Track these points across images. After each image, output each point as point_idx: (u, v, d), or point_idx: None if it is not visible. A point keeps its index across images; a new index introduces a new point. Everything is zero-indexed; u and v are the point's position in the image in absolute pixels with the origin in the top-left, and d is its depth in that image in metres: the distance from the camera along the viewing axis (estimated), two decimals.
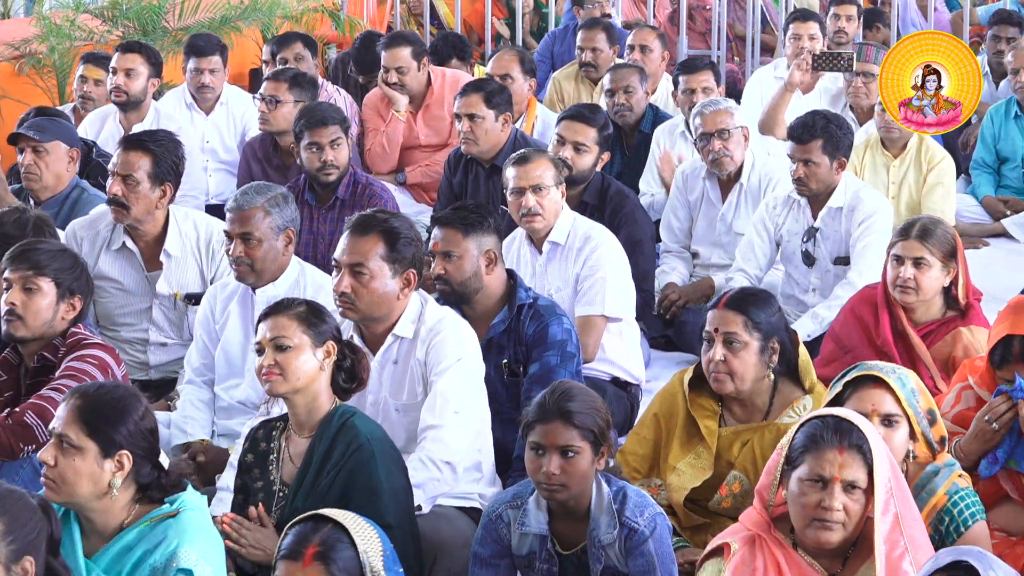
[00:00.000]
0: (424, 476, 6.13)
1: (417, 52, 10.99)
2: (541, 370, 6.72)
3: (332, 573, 4.28)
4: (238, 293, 7.18)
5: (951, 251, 6.85)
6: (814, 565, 4.78)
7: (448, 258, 6.75)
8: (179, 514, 4.93)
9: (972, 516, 5.33)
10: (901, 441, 5.32)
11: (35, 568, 4.28)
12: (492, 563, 5.44)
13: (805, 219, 8.50)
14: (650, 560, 5.23)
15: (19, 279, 6.27)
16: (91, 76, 10.64)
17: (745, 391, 6.05)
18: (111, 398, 4.96)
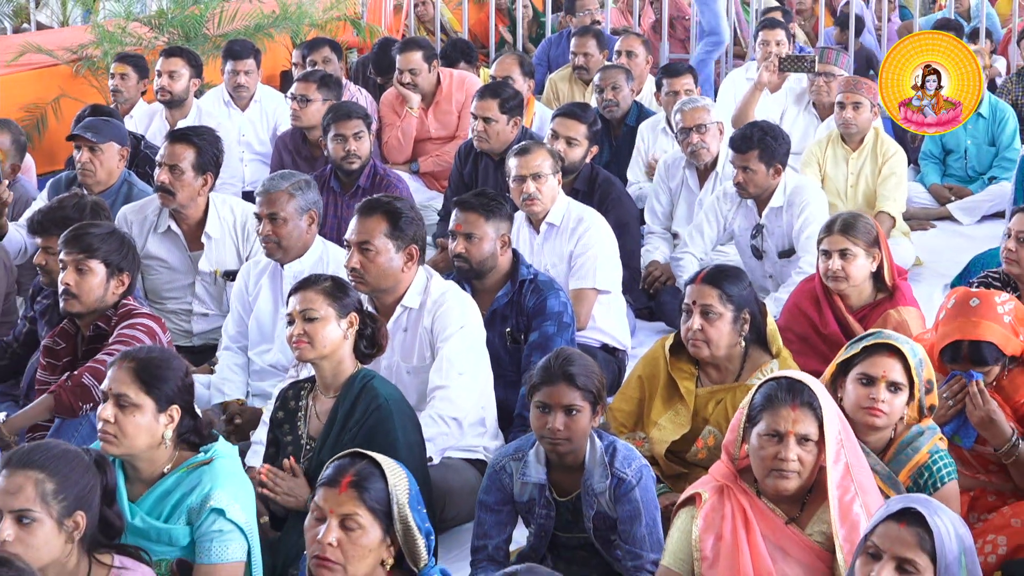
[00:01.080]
0: (434, 431, 6.16)
1: (428, 56, 11.02)
2: (540, 338, 6.75)
3: (363, 500, 4.27)
4: (268, 269, 7.20)
5: (873, 239, 6.82)
6: (775, 510, 4.78)
7: (469, 239, 6.81)
8: (212, 462, 4.97)
9: (948, 475, 5.30)
10: (900, 405, 5.28)
11: (86, 521, 4.30)
12: (496, 509, 5.44)
13: (752, 217, 8.50)
14: (636, 506, 5.23)
15: (72, 261, 6.27)
16: (117, 72, 10.64)
17: (720, 356, 6.05)
18: (161, 359, 5.00)
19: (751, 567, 4.69)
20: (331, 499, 4.29)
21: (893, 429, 5.32)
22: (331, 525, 4.26)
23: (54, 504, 4.24)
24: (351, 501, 4.28)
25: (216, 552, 4.86)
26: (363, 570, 4.30)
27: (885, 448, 5.29)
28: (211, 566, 4.86)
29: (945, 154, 11.20)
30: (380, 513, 4.30)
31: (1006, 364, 5.86)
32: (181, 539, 4.90)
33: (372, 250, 6.34)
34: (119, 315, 6.34)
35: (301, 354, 5.67)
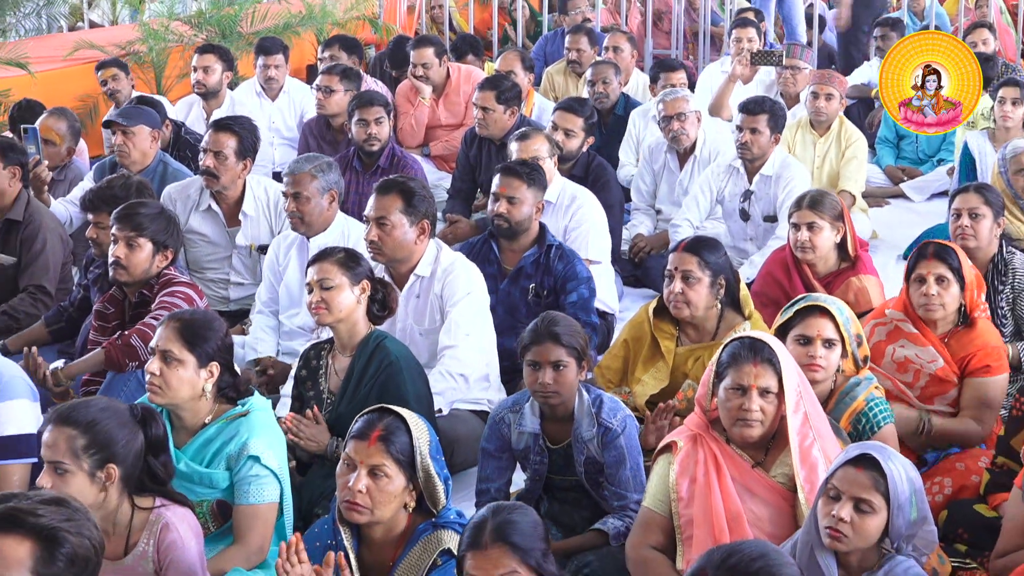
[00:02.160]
0: (443, 386, 6.20)
1: (438, 52, 11.05)
2: (580, 299, 6.88)
3: (390, 452, 4.31)
4: (296, 242, 7.20)
5: (838, 214, 6.83)
6: (742, 455, 4.77)
7: (512, 201, 6.90)
8: (249, 414, 5.01)
9: (885, 419, 5.32)
10: (836, 359, 5.32)
11: (118, 473, 4.32)
12: (496, 455, 5.44)
13: (743, 183, 8.50)
14: (621, 452, 5.23)
15: (123, 237, 6.28)
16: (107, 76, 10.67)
17: (698, 317, 6.04)
18: (203, 321, 5.05)
19: (722, 506, 4.69)
20: (361, 451, 4.32)
21: (833, 381, 5.35)
22: (360, 474, 4.29)
23: (85, 458, 4.27)
24: (379, 453, 4.31)
25: (254, 494, 4.90)
26: (388, 513, 4.34)
27: (827, 399, 5.30)
28: (250, 507, 4.89)
29: (899, 139, 11.22)
30: (404, 463, 4.33)
31: (961, 316, 5.98)
32: (221, 483, 4.93)
33: (388, 225, 6.37)
34: (160, 283, 6.36)
35: (320, 318, 5.70)
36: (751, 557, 3.37)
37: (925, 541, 4.39)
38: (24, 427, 5.07)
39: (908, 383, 5.95)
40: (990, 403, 5.90)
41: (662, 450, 4.90)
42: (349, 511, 4.31)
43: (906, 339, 6.01)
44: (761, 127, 8.33)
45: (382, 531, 4.37)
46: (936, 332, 5.97)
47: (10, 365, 5.27)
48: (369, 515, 4.31)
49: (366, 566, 4.40)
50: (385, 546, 4.40)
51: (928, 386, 5.95)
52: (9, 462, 4.90)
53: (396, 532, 4.39)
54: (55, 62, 11.75)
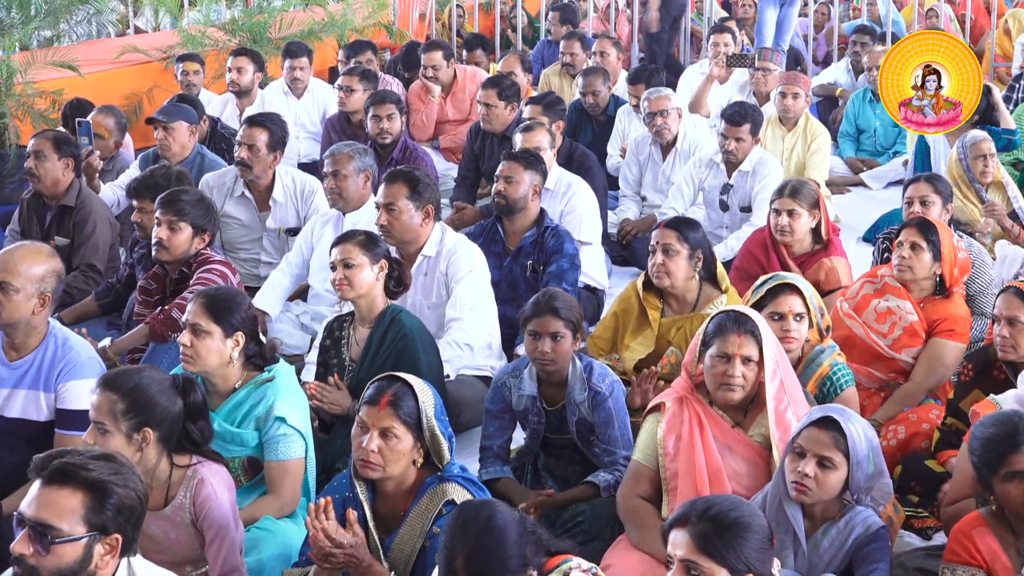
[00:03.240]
0: (450, 354, 6.21)
1: (447, 55, 11.08)
2: (557, 270, 6.85)
3: (399, 416, 4.30)
4: (333, 218, 7.28)
5: (815, 202, 6.86)
6: (724, 416, 4.78)
7: (509, 181, 6.93)
8: (275, 379, 5.01)
9: (847, 383, 5.35)
10: (804, 330, 5.34)
11: (154, 436, 4.32)
12: (499, 416, 5.44)
13: (722, 177, 8.48)
14: (610, 413, 5.24)
15: (166, 221, 6.30)
16: (189, 69, 10.66)
17: (678, 287, 6.07)
18: (227, 295, 5.06)
19: (704, 461, 4.70)
20: (372, 415, 4.31)
21: (801, 350, 5.36)
22: (373, 436, 4.29)
23: (123, 421, 4.28)
24: (389, 417, 4.30)
25: (282, 451, 4.91)
26: (398, 469, 4.33)
27: (795, 366, 5.29)
28: (280, 463, 4.91)
29: (859, 133, 11.20)
30: (412, 424, 4.32)
31: (938, 287, 6.06)
32: (250, 441, 4.94)
33: (396, 210, 6.40)
34: (199, 262, 6.37)
35: (342, 294, 5.71)
36: (728, 508, 3.55)
37: (881, 493, 4.40)
38: None
39: (883, 333, 5.99)
40: (943, 361, 5.94)
41: (651, 410, 4.91)
42: (363, 468, 4.31)
43: (891, 293, 6.07)
44: (744, 135, 8.34)
45: (393, 485, 4.37)
46: (913, 296, 6.04)
47: (85, 346, 5.27)
48: (381, 472, 4.31)
49: (380, 516, 4.40)
50: (396, 498, 4.39)
51: (901, 337, 5.99)
52: (80, 433, 4.88)
53: (406, 485, 4.38)
54: (104, 64, 11.72)
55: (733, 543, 3.48)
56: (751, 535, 3.52)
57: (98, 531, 3.42)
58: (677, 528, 3.54)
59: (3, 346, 5.16)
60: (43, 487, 3.42)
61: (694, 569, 3.48)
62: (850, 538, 4.25)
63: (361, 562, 4.19)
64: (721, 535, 3.48)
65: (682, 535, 3.52)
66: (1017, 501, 4.10)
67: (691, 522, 3.52)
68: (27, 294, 5.02)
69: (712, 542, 3.47)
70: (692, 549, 3.48)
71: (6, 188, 10.02)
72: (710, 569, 3.47)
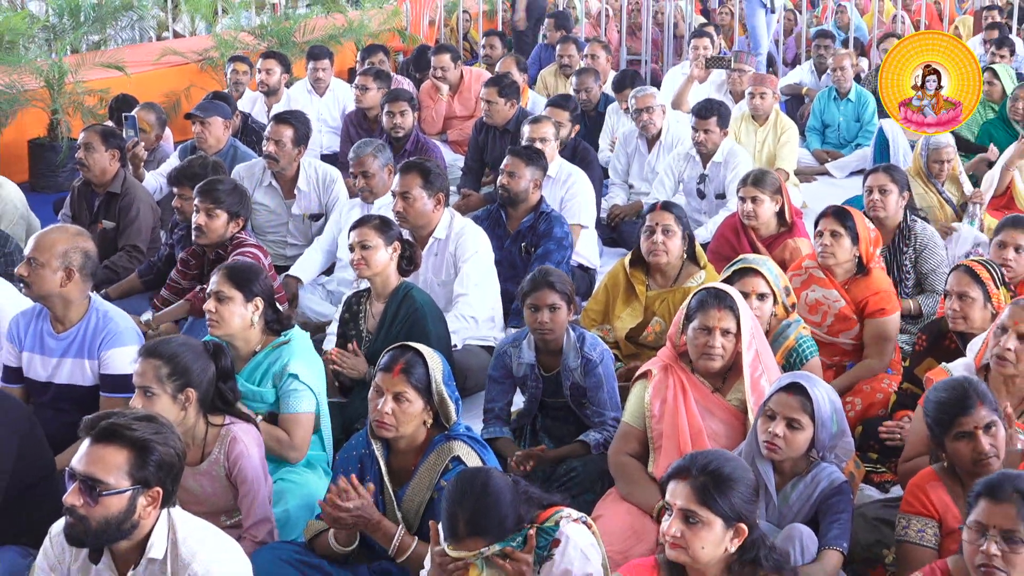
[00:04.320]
0: (458, 326, 6.22)
1: (454, 57, 11.07)
2: (544, 252, 6.85)
3: (410, 381, 4.29)
4: (359, 204, 7.34)
5: (777, 189, 6.86)
6: (704, 383, 4.77)
7: (511, 176, 6.92)
8: (290, 342, 5.03)
9: (811, 353, 5.33)
10: (769, 308, 5.31)
11: (195, 395, 4.34)
12: (500, 381, 5.43)
13: (698, 168, 8.48)
14: (600, 379, 5.23)
15: (204, 208, 6.30)
16: (239, 69, 10.64)
17: (671, 265, 6.10)
18: (246, 265, 5.13)
19: (687, 422, 4.70)
20: (387, 381, 4.31)
21: (768, 324, 5.33)
22: (387, 399, 4.29)
23: (168, 383, 4.29)
24: (401, 382, 4.29)
25: (294, 404, 4.92)
26: (410, 429, 4.33)
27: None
28: (291, 415, 4.93)
29: (824, 127, 11.18)
30: (422, 389, 4.31)
31: (858, 267, 6.00)
32: (269, 398, 4.95)
33: (411, 198, 6.40)
34: (234, 245, 6.36)
35: (360, 273, 5.72)
36: (723, 460, 3.59)
37: (844, 450, 4.41)
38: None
39: (817, 323, 5.95)
40: (887, 337, 5.92)
41: (639, 376, 4.91)
42: (379, 428, 4.32)
43: (816, 284, 6.02)
44: (712, 127, 8.33)
45: (405, 443, 4.36)
46: (837, 279, 5.99)
47: (124, 317, 5.27)
48: (394, 431, 4.30)
49: (393, 470, 4.40)
50: (408, 454, 4.39)
51: (834, 324, 5.96)
52: (122, 395, 4.93)
53: (417, 443, 4.37)
54: (146, 65, 11.73)
55: (728, 494, 3.50)
56: (742, 487, 3.54)
57: (141, 485, 3.42)
58: (677, 480, 3.55)
59: (50, 320, 5.16)
60: (92, 445, 3.43)
61: (692, 518, 3.49)
62: (816, 491, 4.25)
63: (370, 519, 4.20)
64: (718, 487, 3.50)
65: (683, 486, 3.52)
66: (966, 458, 4.09)
67: (692, 475, 3.52)
68: (52, 268, 5.01)
69: (711, 493, 3.48)
70: (692, 499, 3.49)
71: (59, 177, 10.05)
72: (707, 517, 3.48)
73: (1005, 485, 3.51)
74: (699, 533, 3.47)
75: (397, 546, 4.22)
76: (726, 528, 3.49)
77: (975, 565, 3.49)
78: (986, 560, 3.46)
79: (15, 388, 5.16)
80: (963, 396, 4.13)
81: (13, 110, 10.15)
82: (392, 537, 4.22)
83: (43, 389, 5.15)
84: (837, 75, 11.15)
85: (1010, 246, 6.00)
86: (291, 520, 4.70)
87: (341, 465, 4.46)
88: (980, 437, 4.06)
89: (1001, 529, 3.45)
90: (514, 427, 5.48)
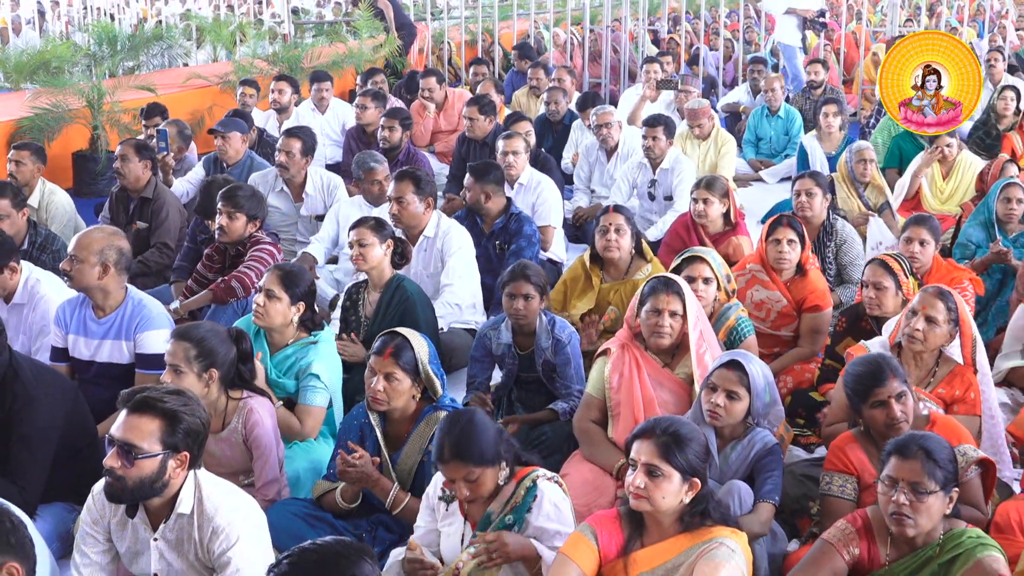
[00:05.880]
0: (444, 312, 6.21)
1: (439, 80, 11.06)
2: (516, 248, 6.80)
3: (398, 364, 4.28)
4: (359, 204, 7.34)
5: (724, 192, 6.85)
6: (656, 359, 4.77)
7: (468, 191, 6.89)
8: (318, 343, 4.99)
9: (748, 332, 5.31)
10: (713, 292, 5.30)
11: (218, 374, 4.33)
12: (481, 360, 5.43)
13: (649, 175, 8.46)
14: (568, 356, 5.23)
15: (226, 211, 6.26)
16: (247, 92, 10.61)
17: (622, 259, 6.06)
18: (297, 272, 5.05)
19: (640, 393, 4.70)
20: (379, 363, 4.31)
21: (712, 307, 5.32)
22: (379, 378, 4.29)
23: (195, 363, 4.28)
24: (390, 364, 4.29)
25: (310, 398, 4.90)
26: (400, 403, 4.33)
27: (708, 319, 5.28)
28: (307, 406, 4.90)
29: (758, 140, 11.19)
30: (409, 370, 4.31)
31: (797, 268, 5.94)
32: (290, 389, 4.93)
33: (404, 201, 6.39)
34: (251, 243, 6.32)
35: (358, 267, 5.72)
36: (681, 424, 3.59)
37: (775, 417, 4.40)
38: (164, 348, 5.04)
39: (762, 319, 5.93)
40: (820, 329, 5.90)
41: (600, 354, 4.90)
42: (373, 403, 4.32)
43: (760, 285, 5.97)
44: (659, 135, 8.33)
45: (398, 414, 4.36)
46: (781, 279, 5.95)
47: (156, 304, 5.25)
48: (386, 405, 4.31)
49: (389, 437, 4.39)
50: (401, 423, 4.38)
51: (777, 320, 5.93)
52: (155, 372, 4.91)
53: (408, 414, 4.37)
54: (173, 87, 11.66)
55: (685, 452, 3.49)
56: (696, 447, 3.54)
57: (171, 449, 3.42)
58: (642, 439, 3.54)
59: (92, 308, 5.15)
60: (128, 415, 3.41)
61: (655, 471, 3.47)
62: (752, 452, 4.26)
63: (370, 476, 4.21)
64: (678, 445, 3.49)
65: (647, 444, 3.51)
66: (880, 423, 4.11)
67: (655, 435, 3.51)
68: (91, 263, 5.00)
69: (671, 450, 3.48)
70: (655, 455, 3.48)
71: (99, 184, 10.00)
72: (667, 471, 3.47)
73: (912, 444, 3.54)
74: (660, 485, 3.47)
75: (392, 501, 4.22)
76: (683, 481, 3.49)
77: (888, 513, 3.53)
78: (897, 509, 3.50)
79: (62, 366, 5.14)
80: (878, 370, 4.14)
81: (59, 126, 10.11)
82: (388, 493, 4.23)
83: (86, 367, 5.14)
84: (768, 95, 11.18)
85: (915, 240, 6.02)
86: (300, 480, 4.70)
87: (343, 432, 4.47)
88: (892, 405, 4.08)
89: (909, 482, 3.49)
90: (493, 398, 5.47)
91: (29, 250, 6.49)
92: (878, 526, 3.63)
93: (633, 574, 3.49)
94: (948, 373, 4.72)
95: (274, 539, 3.67)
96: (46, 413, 4.33)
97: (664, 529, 3.53)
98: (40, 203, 7.56)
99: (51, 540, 4.21)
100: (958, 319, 4.70)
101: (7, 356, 4.35)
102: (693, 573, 3.38)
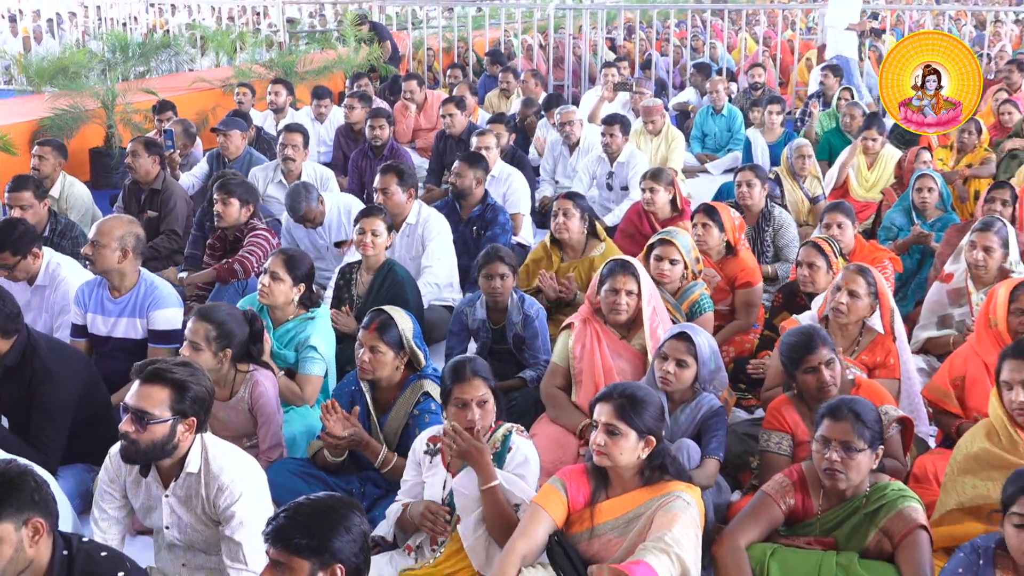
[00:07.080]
0: (425, 291, 6.15)
1: (420, 83, 11.03)
2: (491, 235, 6.77)
3: (383, 338, 4.27)
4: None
5: (669, 182, 6.84)
6: (614, 332, 4.77)
7: (459, 176, 6.83)
8: (315, 319, 4.96)
9: (707, 308, 5.31)
10: (679, 271, 5.31)
11: (232, 352, 4.31)
12: (458, 333, 5.42)
13: (607, 167, 8.43)
14: (535, 330, 5.23)
15: (220, 198, 6.22)
16: (243, 93, 10.51)
17: (575, 240, 6.05)
18: (299, 256, 5.01)
19: (600, 362, 4.70)
20: (366, 336, 4.30)
21: (680, 284, 5.33)
22: (366, 350, 4.29)
23: (214, 343, 4.26)
24: (376, 339, 4.28)
25: (308, 368, 4.87)
26: (386, 373, 4.32)
27: (675, 294, 5.30)
28: (306, 375, 4.88)
29: (704, 136, 11.18)
30: (393, 344, 4.30)
31: (728, 248, 5.94)
32: (290, 359, 4.90)
33: (389, 192, 6.35)
34: (248, 228, 6.29)
35: (364, 252, 5.71)
36: (637, 388, 3.59)
37: (720, 383, 4.42)
38: (175, 324, 5.04)
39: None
40: (752, 303, 5.89)
41: (564, 327, 4.90)
42: (361, 372, 4.31)
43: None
44: (616, 132, 8.30)
45: (385, 381, 4.34)
46: (712, 260, 5.95)
47: (167, 285, 5.22)
48: (372, 375, 4.30)
49: (377, 402, 4.38)
50: (388, 390, 4.36)
51: (713, 295, 5.87)
52: (166, 346, 4.92)
53: (394, 381, 4.35)
54: (180, 90, 11.53)
55: (640, 413, 3.48)
56: (652, 408, 3.53)
57: (179, 415, 3.40)
58: (602, 403, 3.53)
59: (108, 289, 5.12)
60: (141, 385, 3.40)
61: (614, 430, 3.47)
62: (699, 414, 4.27)
63: (361, 440, 4.19)
64: (633, 407, 3.48)
65: (607, 407, 3.51)
66: (812, 387, 4.13)
67: (613, 398, 3.51)
68: (111, 248, 4.97)
69: (627, 411, 3.47)
70: (613, 415, 3.48)
71: (113, 177, 9.90)
72: (624, 430, 3.46)
73: (842, 407, 3.56)
74: (618, 443, 3.47)
75: (382, 460, 4.21)
76: (639, 439, 3.48)
77: (822, 469, 3.55)
78: (830, 465, 3.51)
79: (81, 342, 5.12)
80: (809, 339, 4.16)
81: (77, 125, 10.03)
82: (378, 454, 4.22)
83: (103, 342, 5.11)
84: (713, 96, 11.18)
85: (833, 224, 6.01)
86: (296, 442, 4.68)
87: (336, 398, 4.44)
88: (822, 370, 4.10)
89: (840, 441, 3.50)
90: None
91: (50, 237, 6.43)
92: (812, 480, 3.65)
93: (599, 522, 3.50)
94: (871, 342, 4.75)
95: (273, 495, 3.66)
96: (63, 385, 4.31)
97: (626, 483, 3.53)
98: (61, 194, 7.49)
99: (72, 497, 4.19)
100: (877, 293, 4.73)
101: (26, 335, 4.34)
102: (653, 522, 3.40)
